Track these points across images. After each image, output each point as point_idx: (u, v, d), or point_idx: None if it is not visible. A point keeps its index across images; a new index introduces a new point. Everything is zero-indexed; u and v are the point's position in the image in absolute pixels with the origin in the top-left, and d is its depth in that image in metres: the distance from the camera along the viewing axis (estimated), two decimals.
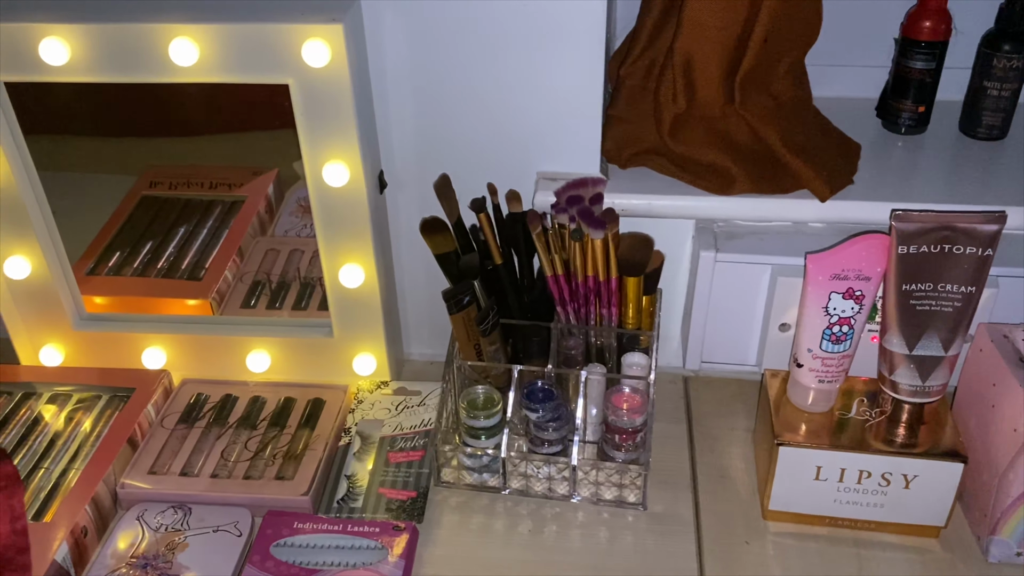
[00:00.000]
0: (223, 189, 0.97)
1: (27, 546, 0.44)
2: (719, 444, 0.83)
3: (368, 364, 0.88)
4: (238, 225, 0.95)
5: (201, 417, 0.83)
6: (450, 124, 0.81)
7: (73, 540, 0.69)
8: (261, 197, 0.96)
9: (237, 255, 0.94)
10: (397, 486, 0.77)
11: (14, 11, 0.73)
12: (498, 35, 0.76)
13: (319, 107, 0.74)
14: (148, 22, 0.71)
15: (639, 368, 0.78)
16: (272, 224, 0.96)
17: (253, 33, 0.71)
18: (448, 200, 0.79)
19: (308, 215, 0.97)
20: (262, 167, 0.96)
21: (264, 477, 0.77)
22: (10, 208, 0.81)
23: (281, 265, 0.95)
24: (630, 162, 0.82)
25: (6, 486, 0.43)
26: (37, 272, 0.84)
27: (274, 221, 0.96)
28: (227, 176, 0.96)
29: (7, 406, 0.84)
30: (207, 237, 0.95)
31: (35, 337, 0.89)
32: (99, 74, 0.73)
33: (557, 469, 0.76)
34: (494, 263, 0.80)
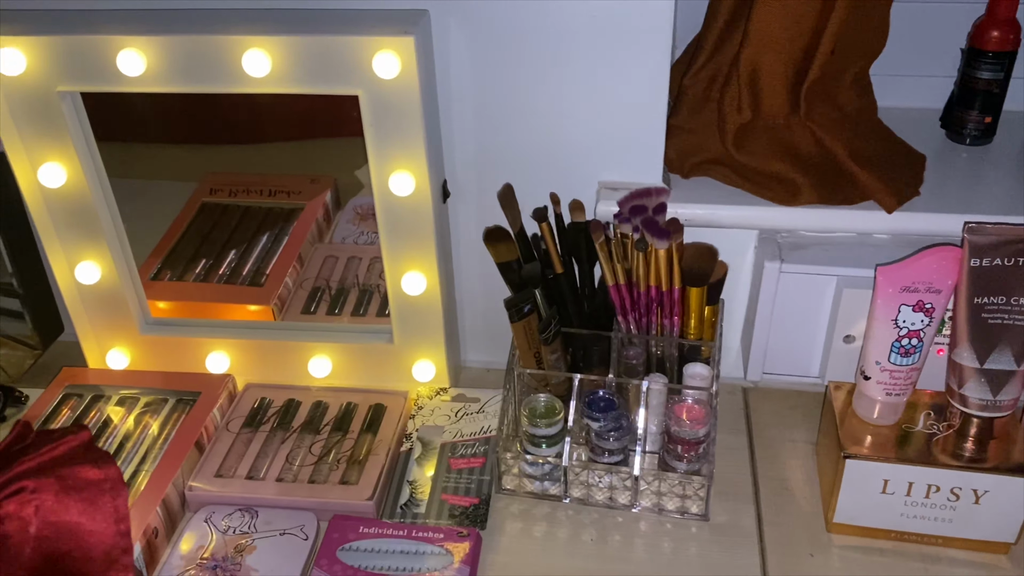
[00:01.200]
0: (282, 196, 0.98)
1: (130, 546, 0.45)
2: (780, 456, 0.82)
3: (427, 370, 0.89)
4: (297, 232, 0.96)
5: (265, 421, 0.85)
6: (511, 133, 0.82)
7: (145, 541, 0.71)
8: (319, 205, 0.98)
9: (297, 262, 0.95)
10: (459, 492, 0.78)
11: (93, 24, 0.75)
12: (563, 45, 0.76)
13: (387, 118, 0.75)
14: (223, 34, 0.72)
15: (701, 379, 0.78)
16: (330, 231, 0.97)
17: (325, 45, 0.72)
18: (511, 209, 0.80)
19: (365, 223, 0.99)
20: (319, 175, 0.97)
21: (328, 481, 0.78)
22: (83, 214, 0.83)
23: (340, 272, 0.96)
24: (693, 172, 0.82)
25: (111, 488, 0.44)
26: (106, 277, 0.86)
27: (331, 228, 0.97)
28: (285, 184, 0.98)
29: (77, 408, 0.86)
30: (267, 244, 0.96)
31: (102, 341, 0.91)
32: (173, 84, 0.75)
33: (619, 479, 0.76)
34: (555, 272, 0.81)
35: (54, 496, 0.43)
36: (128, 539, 0.45)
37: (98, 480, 0.44)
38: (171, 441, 0.80)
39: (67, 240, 0.84)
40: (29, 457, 0.43)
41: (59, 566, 0.42)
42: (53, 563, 0.42)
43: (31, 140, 0.79)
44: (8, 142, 0.79)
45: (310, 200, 0.97)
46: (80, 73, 0.75)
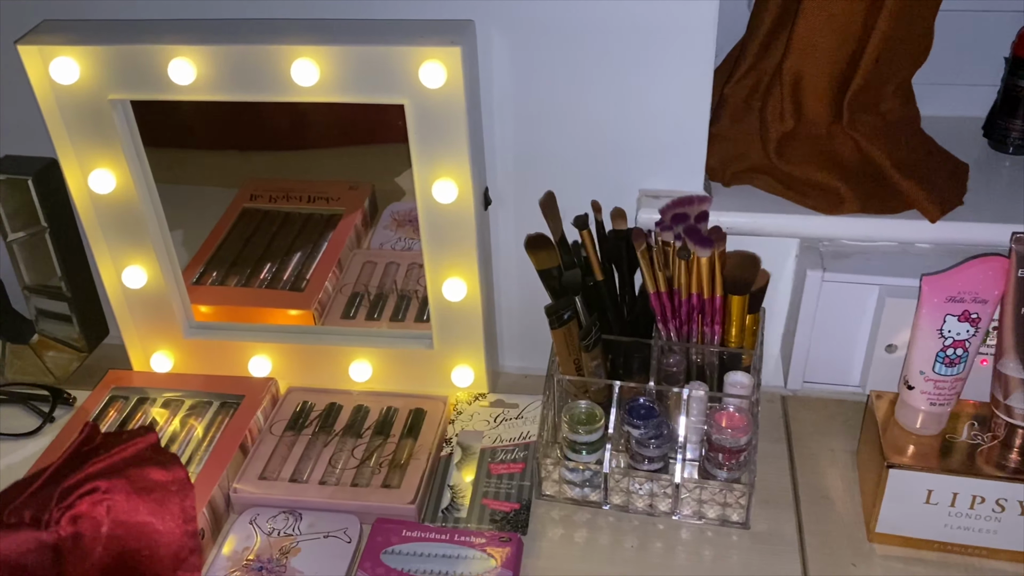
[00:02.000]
0: (321, 203, 1.00)
1: (198, 547, 0.47)
2: (819, 464, 0.82)
3: (466, 376, 0.89)
4: (337, 238, 0.97)
5: (308, 425, 0.86)
6: (552, 141, 0.82)
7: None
8: (358, 211, 0.99)
9: (336, 267, 0.96)
10: (500, 497, 0.78)
11: (145, 34, 0.76)
12: (605, 52, 0.77)
13: (432, 126, 0.75)
14: (272, 44, 0.74)
15: (742, 387, 0.78)
16: (368, 237, 0.98)
17: (373, 55, 0.73)
18: (553, 217, 0.80)
19: (402, 228, 1.00)
20: (358, 182, 0.98)
21: (371, 485, 0.79)
22: (131, 220, 0.84)
23: (378, 277, 0.97)
24: (734, 180, 0.82)
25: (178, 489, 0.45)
26: (152, 282, 0.88)
27: (369, 234, 0.98)
28: (324, 190, 0.99)
29: (123, 410, 0.87)
30: (307, 249, 0.98)
31: (147, 344, 0.92)
32: (223, 93, 0.76)
33: (660, 486, 0.77)
34: (595, 279, 0.81)
35: (125, 497, 0.44)
36: (196, 540, 0.47)
37: (166, 482, 0.45)
38: (216, 443, 0.81)
39: (115, 245, 0.86)
40: (100, 458, 0.45)
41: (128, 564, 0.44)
42: (123, 561, 0.43)
43: (82, 147, 0.81)
44: (60, 149, 0.80)
45: (349, 206, 0.99)
46: (131, 82, 0.77)
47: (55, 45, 0.76)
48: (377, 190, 0.97)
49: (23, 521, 0.43)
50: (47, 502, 0.43)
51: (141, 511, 0.44)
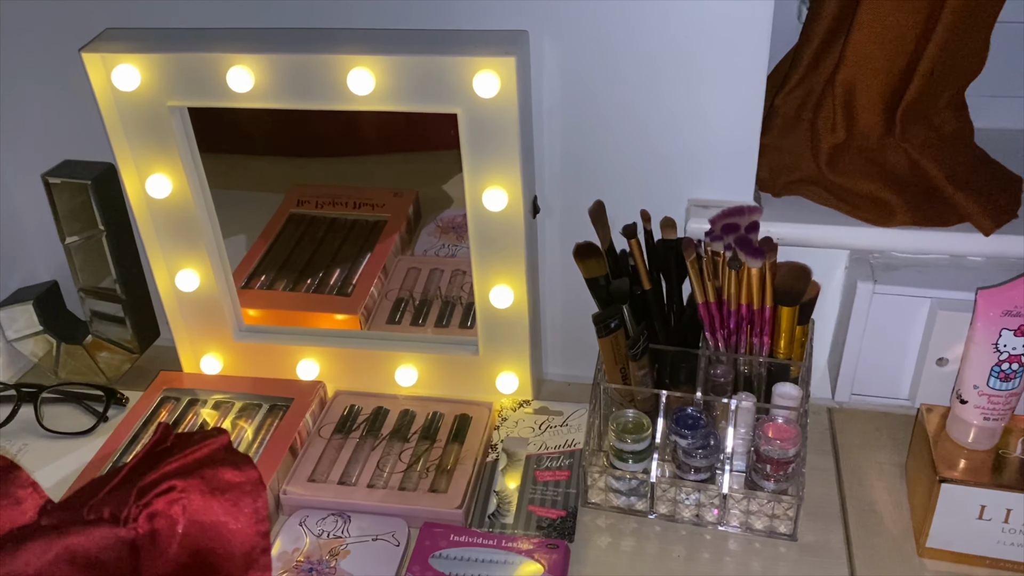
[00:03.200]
0: (366, 209, 1.01)
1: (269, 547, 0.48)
2: (866, 477, 0.82)
3: (511, 383, 0.90)
4: (382, 244, 0.98)
5: (355, 428, 0.87)
6: (599, 149, 0.83)
7: None
8: (402, 217, 1.00)
9: (382, 273, 0.97)
10: (546, 504, 0.79)
11: (205, 42, 0.78)
12: (656, 62, 0.77)
13: (484, 135, 0.76)
14: (329, 53, 0.75)
15: (791, 399, 0.78)
16: (412, 243, 0.99)
17: (428, 64, 0.74)
18: (602, 226, 0.81)
19: (446, 235, 1.01)
20: (402, 189, 1.00)
21: (418, 489, 0.80)
22: (185, 224, 0.86)
23: (422, 283, 0.98)
24: (784, 191, 0.82)
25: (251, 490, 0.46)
26: (205, 285, 0.89)
27: (413, 240, 0.99)
28: (369, 197, 1.00)
29: (175, 411, 0.89)
30: (353, 255, 0.99)
31: (197, 346, 0.94)
32: (280, 101, 0.78)
33: (707, 496, 0.77)
34: (643, 288, 0.81)
35: (200, 496, 0.45)
36: (267, 539, 0.48)
37: (240, 482, 0.46)
38: (266, 445, 0.83)
39: (169, 249, 0.87)
40: (174, 458, 0.46)
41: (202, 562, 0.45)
42: (197, 559, 0.44)
43: (140, 152, 0.82)
44: (119, 154, 0.82)
45: (394, 213, 1.00)
46: (190, 89, 0.78)
47: (118, 53, 0.77)
48: (421, 197, 0.98)
49: (102, 517, 0.44)
50: (125, 500, 0.44)
51: (216, 510, 0.45)
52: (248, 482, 0.47)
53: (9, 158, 0.95)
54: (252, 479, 0.47)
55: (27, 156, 0.94)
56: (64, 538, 0.42)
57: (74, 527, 0.43)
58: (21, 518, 0.45)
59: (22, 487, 0.48)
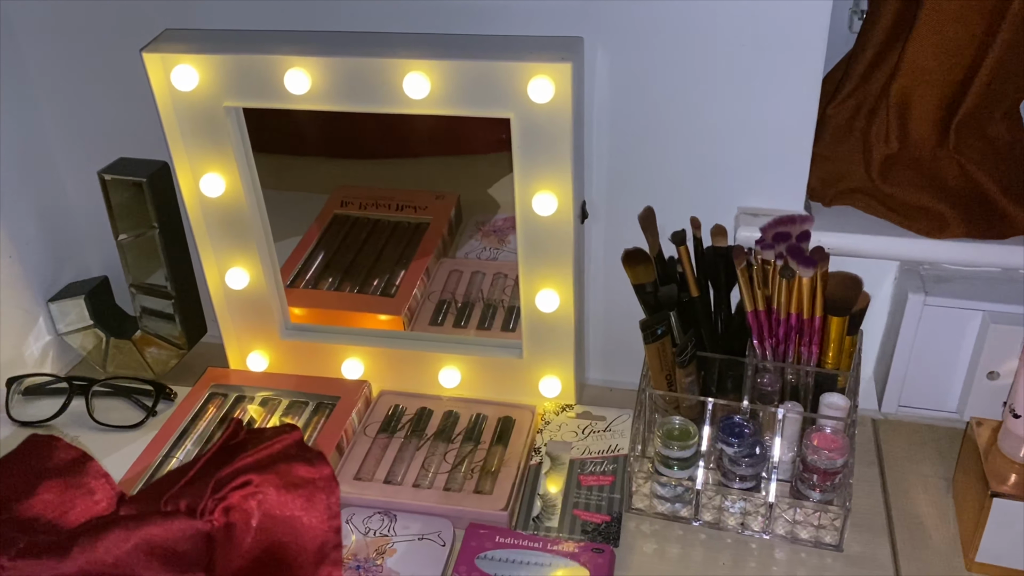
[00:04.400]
0: (409, 211, 1.02)
1: (341, 542, 0.48)
2: (912, 490, 0.81)
3: (553, 387, 0.90)
4: (425, 247, 0.99)
5: (400, 428, 0.88)
6: (648, 156, 0.83)
7: None
8: (444, 220, 1.01)
9: (424, 274, 0.98)
10: (590, 509, 0.79)
11: (262, 44, 0.79)
12: (709, 69, 0.77)
13: (537, 140, 0.77)
14: (386, 57, 0.76)
15: (838, 409, 0.78)
16: (453, 246, 1.00)
17: (484, 69, 0.74)
18: (651, 232, 0.81)
19: (487, 238, 1.01)
20: (444, 192, 1.00)
21: (463, 490, 0.80)
22: (237, 223, 0.87)
23: (464, 286, 0.99)
24: (835, 200, 0.82)
25: (325, 486, 0.47)
26: (254, 283, 0.90)
27: (455, 243, 1.00)
28: (412, 199, 1.01)
29: (223, 407, 0.90)
30: (396, 256, 1.00)
31: (244, 344, 0.95)
32: (335, 103, 0.79)
33: (753, 505, 0.77)
34: (690, 295, 0.81)
35: (275, 491, 0.46)
36: (339, 535, 0.49)
37: (313, 478, 0.47)
38: (313, 443, 0.83)
39: (220, 247, 0.89)
40: (248, 453, 0.47)
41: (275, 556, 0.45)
42: (270, 553, 0.45)
43: (195, 151, 0.84)
44: (175, 152, 0.84)
45: (436, 216, 1.01)
46: (247, 90, 0.79)
47: (177, 53, 0.79)
48: (462, 200, 0.99)
49: (179, 509, 0.45)
50: (201, 493, 0.45)
51: (290, 505, 0.45)
52: (321, 478, 0.47)
53: (64, 155, 0.97)
54: (325, 475, 0.48)
55: (82, 153, 0.95)
56: (143, 528, 0.43)
57: (152, 518, 0.44)
58: (95, 508, 0.46)
59: (95, 478, 0.49)
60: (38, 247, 0.96)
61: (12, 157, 0.92)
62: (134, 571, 0.42)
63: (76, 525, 0.46)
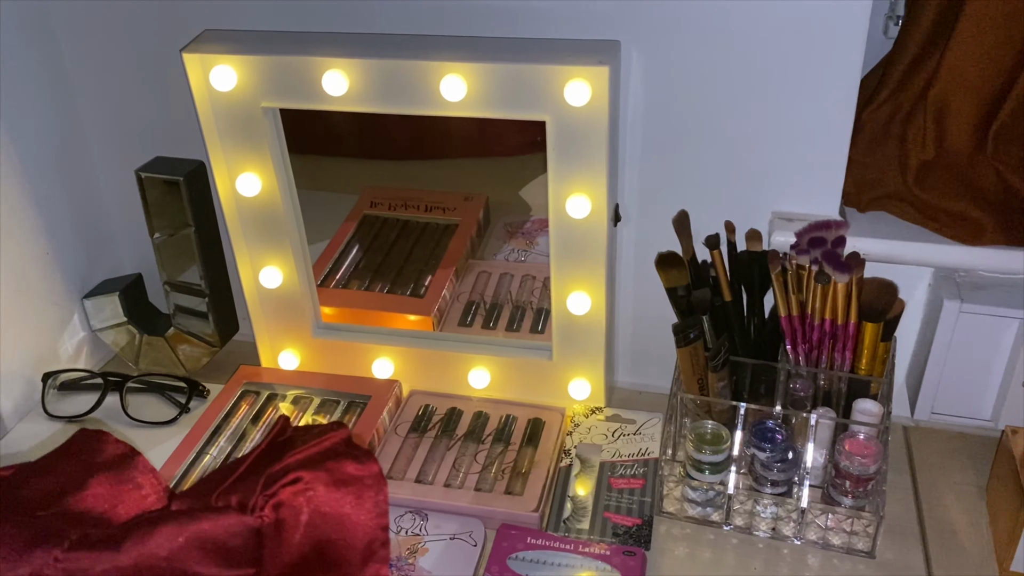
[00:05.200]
0: (437, 212, 1.02)
1: (388, 539, 0.49)
2: (944, 497, 0.81)
3: (583, 389, 0.91)
4: (454, 248, 1.00)
5: (430, 428, 0.88)
6: (682, 159, 0.83)
7: None
8: (473, 222, 1.01)
9: (453, 275, 0.99)
10: (621, 512, 0.79)
11: (301, 45, 0.80)
12: (745, 74, 0.77)
13: (572, 143, 0.77)
14: (424, 59, 0.76)
15: (871, 415, 0.77)
16: (481, 247, 1.00)
17: (521, 72, 0.75)
18: (685, 236, 0.81)
19: (515, 240, 1.02)
20: (473, 193, 1.01)
21: (494, 491, 0.80)
22: (272, 222, 0.88)
23: (493, 287, 0.99)
24: (870, 206, 0.82)
25: (373, 483, 0.48)
26: (287, 282, 0.91)
27: (483, 244, 1.00)
28: (440, 200, 1.02)
29: (255, 404, 0.91)
30: (424, 257, 1.00)
31: (276, 342, 0.96)
32: (373, 105, 0.79)
33: (785, 510, 0.76)
34: (723, 300, 0.81)
35: (325, 488, 0.46)
36: (387, 533, 0.49)
37: (362, 476, 0.48)
38: None
39: (254, 246, 0.90)
40: (298, 450, 0.47)
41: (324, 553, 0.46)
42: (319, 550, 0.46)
43: (232, 151, 0.84)
44: (212, 152, 0.84)
45: (464, 217, 1.01)
46: (285, 91, 0.80)
47: (217, 54, 0.79)
48: (490, 202, 0.99)
49: (230, 505, 0.45)
50: (252, 489, 0.46)
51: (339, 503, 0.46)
52: (370, 476, 0.48)
53: (100, 152, 0.98)
54: (373, 473, 0.48)
55: (116, 151, 0.97)
56: (194, 523, 0.44)
57: (204, 513, 0.45)
58: (143, 502, 0.47)
59: (143, 472, 0.50)
60: (73, 244, 0.97)
61: (49, 155, 0.93)
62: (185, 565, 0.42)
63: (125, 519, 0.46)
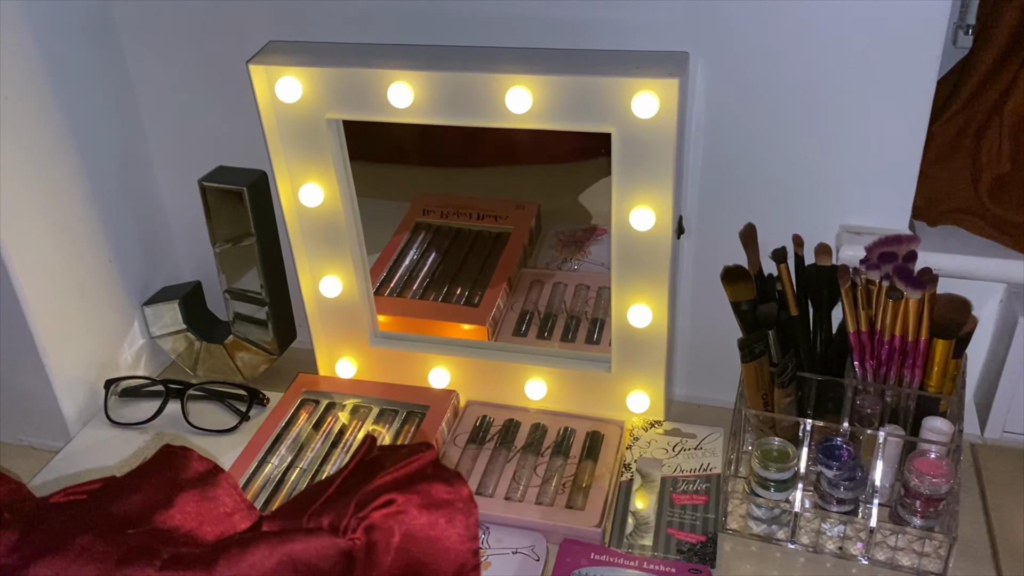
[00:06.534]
0: (489, 221, 1.02)
1: (479, 563, 0.49)
2: (1015, 519, 0.79)
3: (642, 402, 0.90)
4: (507, 256, 0.99)
5: (489, 439, 0.88)
6: (746, 170, 0.82)
7: None
8: (525, 230, 1.01)
9: (507, 284, 0.98)
10: (684, 528, 0.78)
11: (367, 57, 0.80)
12: (815, 85, 0.76)
13: (638, 155, 0.76)
14: (490, 72, 0.76)
15: (942, 434, 0.76)
16: (533, 256, 1.00)
17: (589, 85, 0.74)
18: (752, 249, 0.80)
19: (567, 249, 1.01)
20: (524, 201, 1.00)
21: (555, 505, 0.80)
22: (333, 232, 0.88)
23: (546, 297, 0.99)
24: (941, 220, 0.80)
25: (464, 507, 0.48)
26: (347, 291, 0.92)
27: (535, 253, 1.00)
28: (492, 208, 1.01)
29: (314, 414, 0.91)
30: (478, 266, 1.00)
31: (334, 350, 0.96)
32: (438, 117, 0.79)
33: (853, 529, 0.75)
34: (788, 313, 0.80)
35: (417, 511, 0.46)
36: (478, 557, 0.49)
37: (452, 499, 0.48)
38: None
39: (315, 256, 0.90)
40: (387, 472, 0.47)
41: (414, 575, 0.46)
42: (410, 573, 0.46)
43: (295, 162, 0.85)
44: (276, 162, 0.85)
45: (516, 225, 1.01)
46: (350, 103, 0.80)
47: (283, 66, 0.80)
48: (542, 210, 0.99)
49: (321, 527, 0.46)
50: (343, 511, 0.46)
51: (430, 526, 0.46)
52: (460, 499, 0.48)
53: (161, 161, 0.99)
54: (464, 496, 0.48)
55: (177, 159, 0.98)
56: (286, 545, 0.44)
57: (295, 535, 0.45)
58: (227, 520, 0.47)
59: (227, 490, 0.50)
60: (135, 252, 0.99)
61: (114, 163, 0.94)
62: None
63: (211, 537, 0.47)
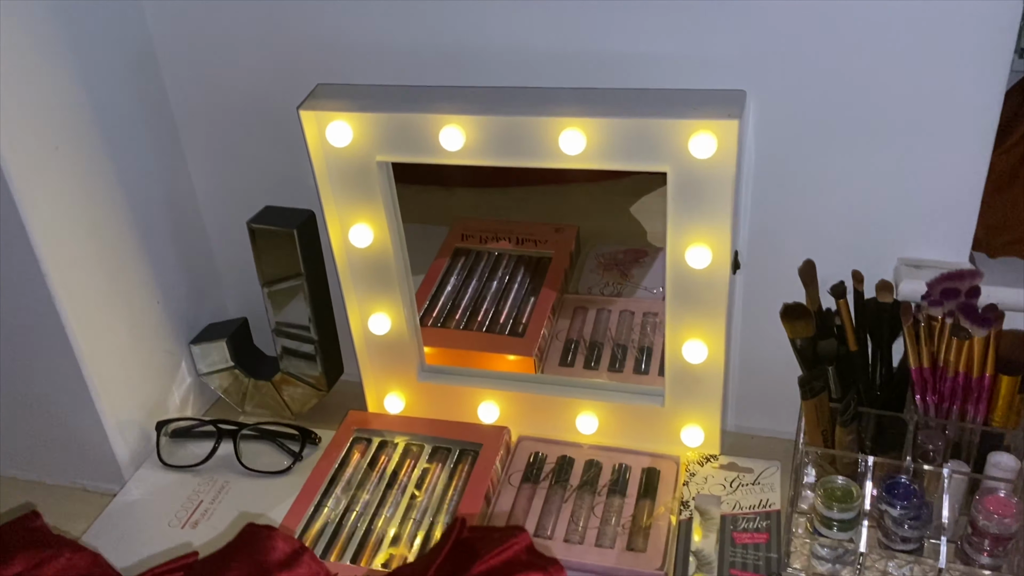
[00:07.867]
0: (529, 245, 1.01)
1: None
2: None
3: (696, 436, 0.89)
4: (550, 282, 0.99)
5: (544, 477, 0.87)
6: (800, 203, 0.81)
7: None
8: (565, 254, 1.00)
9: (551, 312, 0.97)
10: (748, 568, 0.78)
11: (417, 101, 0.79)
12: (871, 121, 0.75)
13: (694, 194, 0.76)
14: (543, 115, 0.75)
15: (1009, 470, 0.75)
16: (574, 280, 0.99)
17: (644, 126, 0.73)
18: (812, 286, 0.79)
19: (608, 272, 1.00)
20: (563, 224, 0.99)
21: (616, 547, 0.80)
22: (382, 271, 0.88)
23: (591, 324, 0.98)
24: (1001, 251, 0.79)
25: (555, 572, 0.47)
26: (395, 328, 0.91)
27: (576, 277, 0.99)
28: (531, 231, 1.00)
29: (367, 453, 0.91)
30: (520, 292, 0.99)
31: (382, 386, 0.96)
32: (488, 159, 0.79)
33: (922, 570, 0.74)
34: (848, 349, 0.79)
35: None
36: None
37: None
38: (465, 493, 0.84)
39: (364, 294, 0.90)
40: (483, 560, 0.47)
41: None
42: None
43: (345, 204, 0.85)
44: (326, 204, 0.85)
45: (557, 249, 1.00)
46: (401, 146, 0.80)
47: (333, 111, 0.80)
48: (580, 231, 0.97)
49: None
50: None
51: None
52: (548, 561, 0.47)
53: (205, 200, 0.99)
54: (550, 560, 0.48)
55: (223, 198, 0.97)
56: None
57: None
58: None
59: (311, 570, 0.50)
60: (182, 291, 0.99)
61: (162, 204, 0.94)
62: None
63: None
